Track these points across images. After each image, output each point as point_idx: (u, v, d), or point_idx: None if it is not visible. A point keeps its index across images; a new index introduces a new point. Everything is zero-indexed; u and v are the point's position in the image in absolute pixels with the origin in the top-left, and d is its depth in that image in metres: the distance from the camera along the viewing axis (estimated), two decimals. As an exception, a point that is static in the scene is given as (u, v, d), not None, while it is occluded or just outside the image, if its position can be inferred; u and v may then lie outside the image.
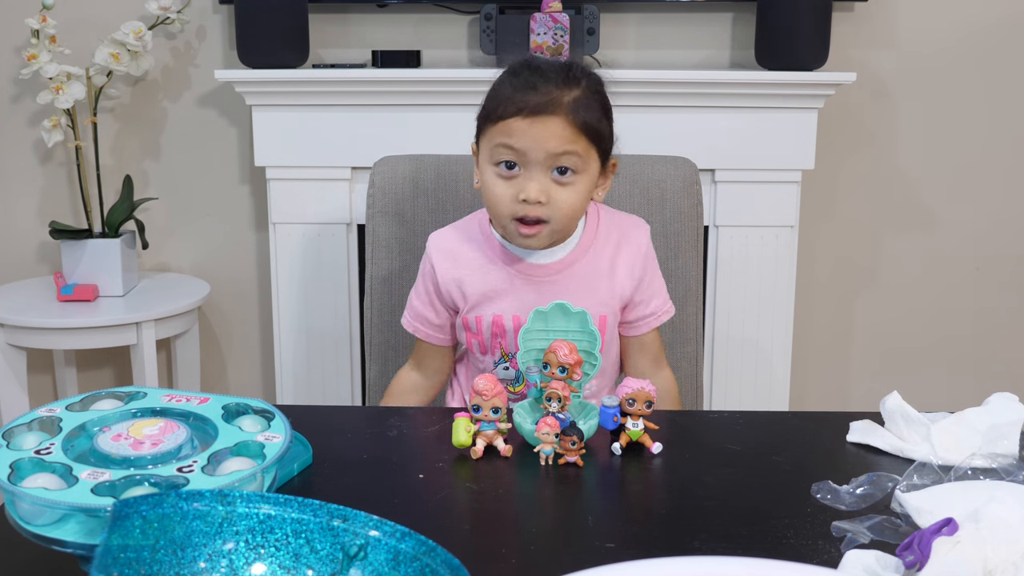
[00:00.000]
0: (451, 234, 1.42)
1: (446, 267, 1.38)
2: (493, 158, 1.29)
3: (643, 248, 1.39)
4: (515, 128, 1.26)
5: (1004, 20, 2.41)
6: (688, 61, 2.41)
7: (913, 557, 0.77)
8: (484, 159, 1.31)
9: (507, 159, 1.28)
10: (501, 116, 1.27)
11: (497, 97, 1.29)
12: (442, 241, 1.41)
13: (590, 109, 1.29)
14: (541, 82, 1.27)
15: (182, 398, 0.98)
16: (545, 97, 1.26)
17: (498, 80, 1.32)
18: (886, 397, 1.13)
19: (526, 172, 1.28)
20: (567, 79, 1.29)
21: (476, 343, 1.39)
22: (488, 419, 1.08)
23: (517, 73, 1.30)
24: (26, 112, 2.46)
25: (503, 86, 1.30)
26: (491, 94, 1.31)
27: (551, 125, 1.26)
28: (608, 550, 0.89)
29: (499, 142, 1.28)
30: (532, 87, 1.27)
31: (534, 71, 1.29)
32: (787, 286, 2.28)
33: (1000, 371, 2.58)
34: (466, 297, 1.37)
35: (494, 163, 1.29)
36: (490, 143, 1.29)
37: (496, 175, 1.29)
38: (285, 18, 2.17)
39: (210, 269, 2.52)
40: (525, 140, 1.26)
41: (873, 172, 2.49)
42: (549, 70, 1.29)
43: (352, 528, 0.77)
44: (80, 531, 0.79)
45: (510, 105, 1.27)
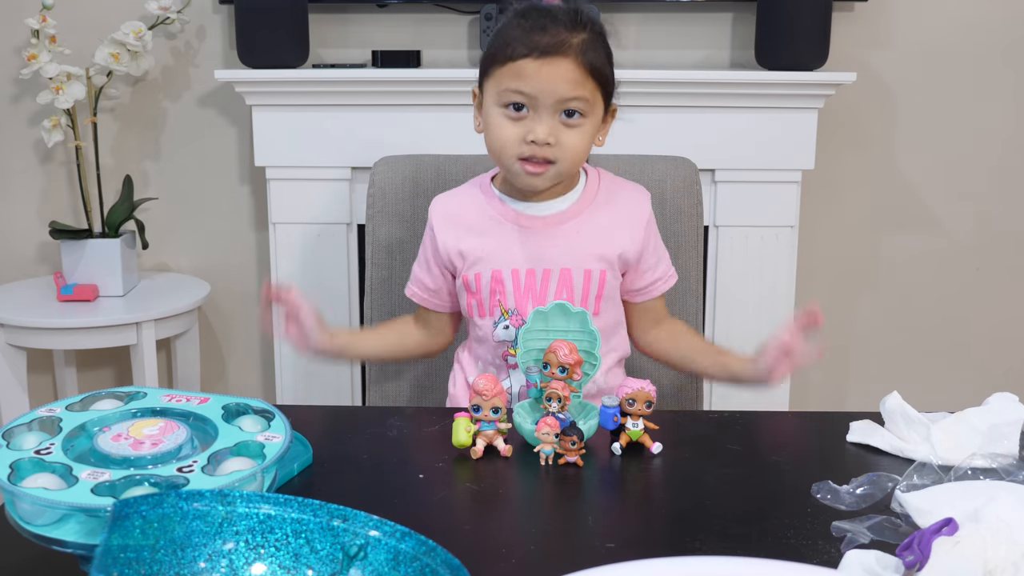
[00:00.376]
0: (451, 197, 1.42)
1: (445, 228, 1.38)
2: (501, 100, 1.28)
3: (645, 214, 1.39)
4: (525, 69, 1.25)
5: (1004, 20, 2.41)
6: (688, 61, 2.40)
7: (913, 557, 0.77)
8: (490, 101, 1.29)
9: (516, 101, 1.27)
10: (510, 57, 1.26)
11: (505, 37, 1.27)
12: (442, 205, 1.41)
13: (597, 52, 1.28)
14: (551, 23, 1.26)
15: (182, 398, 0.98)
16: (555, 38, 1.25)
17: (505, 22, 1.30)
18: (886, 397, 1.13)
19: (535, 114, 1.27)
20: (575, 22, 1.27)
21: (475, 304, 1.37)
22: (488, 419, 1.08)
23: (526, 15, 1.28)
24: (26, 112, 2.46)
25: (511, 27, 1.28)
26: (498, 35, 1.29)
27: (561, 67, 1.25)
28: (608, 550, 0.89)
29: (508, 85, 1.26)
30: (542, 28, 1.25)
31: (543, 13, 1.27)
32: (787, 286, 2.28)
33: (1000, 371, 2.58)
34: (464, 255, 1.36)
35: (502, 104, 1.28)
36: (498, 85, 1.28)
37: (503, 116, 1.28)
38: (285, 18, 2.17)
39: (210, 269, 2.52)
40: (536, 82, 1.25)
41: (873, 172, 2.49)
42: (558, 12, 1.28)
43: (352, 528, 0.77)
44: (80, 531, 0.79)
45: (520, 46, 1.25)
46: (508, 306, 1.35)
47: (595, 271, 1.34)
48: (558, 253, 1.34)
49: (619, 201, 1.38)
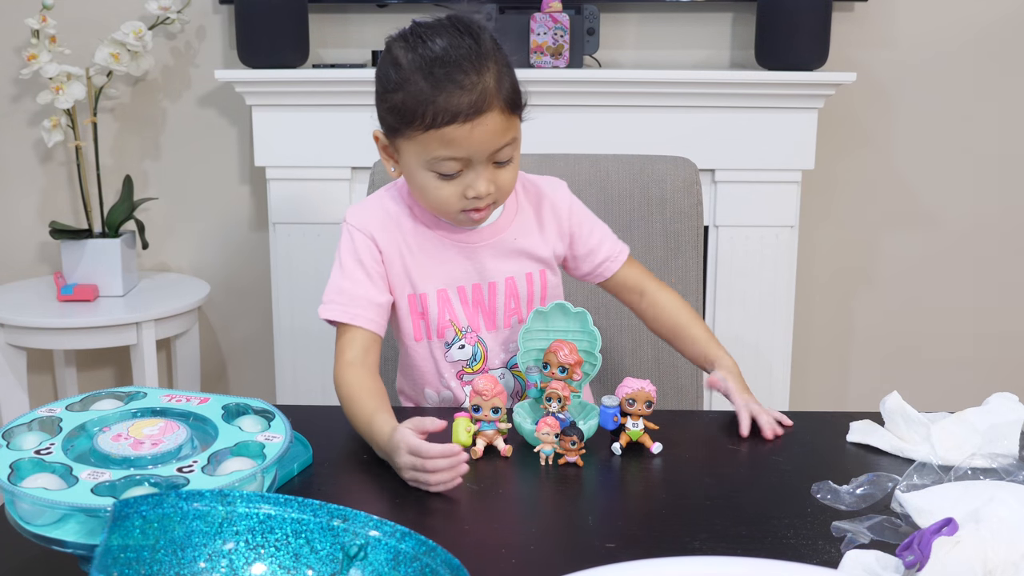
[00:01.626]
0: (374, 210, 1.29)
1: (390, 237, 1.26)
2: (431, 167, 1.18)
3: (565, 205, 1.34)
4: (454, 136, 1.15)
5: (1004, 20, 2.41)
6: (688, 61, 2.40)
7: (913, 557, 0.77)
8: (413, 161, 1.20)
9: (450, 169, 1.18)
10: (432, 125, 1.15)
11: (417, 98, 1.15)
12: (368, 214, 1.28)
13: (508, 79, 1.19)
14: (461, 74, 1.14)
15: (182, 398, 0.98)
16: (475, 94, 1.14)
17: (406, 74, 1.16)
18: (886, 397, 1.13)
19: (469, 171, 1.18)
20: (480, 57, 1.16)
21: (423, 325, 1.28)
22: (488, 419, 1.08)
23: (431, 71, 1.15)
24: (26, 112, 2.45)
25: (419, 86, 1.15)
26: (405, 92, 1.16)
27: (488, 122, 1.16)
28: (608, 550, 0.89)
29: (437, 153, 1.17)
30: (457, 84, 1.14)
31: (449, 63, 1.14)
32: (787, 286, 2.28)
33: (1000, 371, 2.58)
34: (411, 273, 1.27)
35: (431, 170, 1.19)
36: (423, 151, 1.17)
37: (436, 178, 1.19)
38: (285, 18, 2.17)
39: (210, 269, 2.52)
40: (468, 146, 1.16)
41: (873, 172, 2.49)
42: (462, 55, 1.15)
43: (352, 528, 0.77)
44: (80, 531, 0.79)
45: (442, 113, 1.14)
46: (461, 325, 1.28)
47: (535, 273, 1.31)
48: (500, 264, 1.29)
49: (541, 199, 1.33)
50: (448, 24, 1.19)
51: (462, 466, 0.99)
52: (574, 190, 1.62)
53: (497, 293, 1.29)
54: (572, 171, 1.61)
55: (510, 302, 1.29)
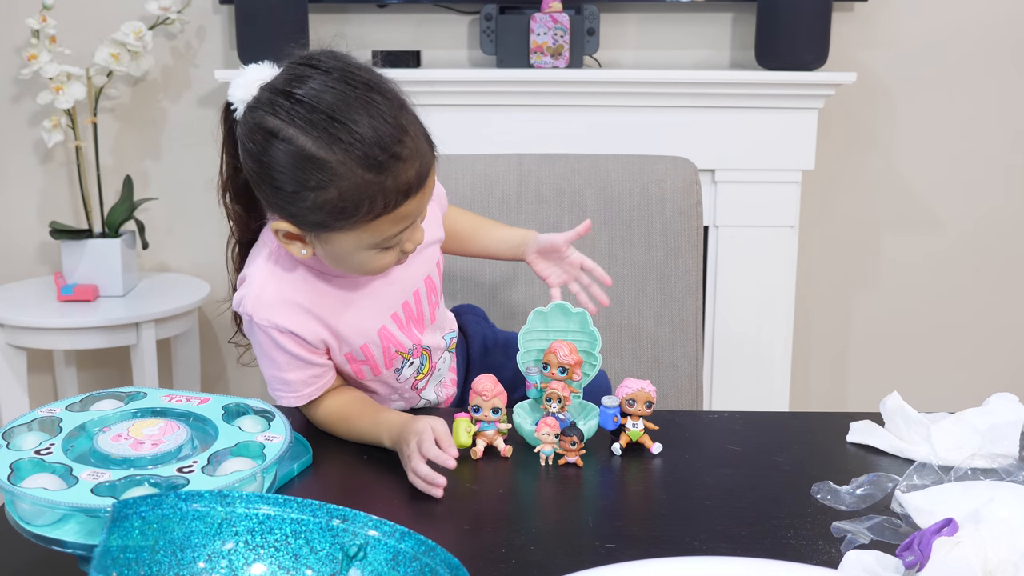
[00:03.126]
0: (277, 304, 1.13)
1: (303, 323, 1.13)
2: (380, 245, 1.08)
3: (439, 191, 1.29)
4: (406, 212, 1.06)
5: (1003, 20, 2.41)
6: (688, 61, 2.40)
7: (913, 557, 0.77)
8: (352, 248, 1.08)
9: (397, 241, 1.09)
10: (384, 211, 1.04)
11: (361, 190, 1.02)
12: (273, 310, 1.12)
13: (416, 115, 1.08)
14: (397, 145, 1.03)
15: (182, 398, 0.98)
16: (416, 159, 1.04)
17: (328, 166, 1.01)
18: (886, 397, 1.13)
19: (408, 230, 1.10)
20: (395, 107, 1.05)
21: (367, 368, 1.20)
22: (488, 419, 1.08)
23: (375, 165, 1.02)
24: (26, 112, 2.45)
25: (353, 174, 1.01)
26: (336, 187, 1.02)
27: (428, 183, 1.07)
28: (608, 550, 0.89)
29: (390, 231, 1.06)
30: (397, 158, 1.03)
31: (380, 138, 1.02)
32: (787, 286, 2.28)
33: (1000, 371, 2.58)
34: (342, 337, 1.16)
35: (376, 248, 1.09)
36: (371, 237, 1.06)
37: (378, 252, 1.09)
38: (285, 18, 2.17)
39: (210, 269, 2.52)
40: (415, 213, 1.08)
41: (873, 172, 2.49)
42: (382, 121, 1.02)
43: (352, 528, 0.77)
44: (80, 531, 0.79)
45: (393, 197, 1.03)
46: (406, 349, 1.21)
47: (439, 259, 1.27)
48: (413, 273, 1.21)
49: None
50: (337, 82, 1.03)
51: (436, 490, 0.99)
52: (573, 190, 1.63)
53: (422, 297, 1.23)
54: (572, 171, 1.61)
55: (431, 297, 1.24)
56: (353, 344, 1.17)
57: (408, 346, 1.21)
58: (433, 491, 0.99)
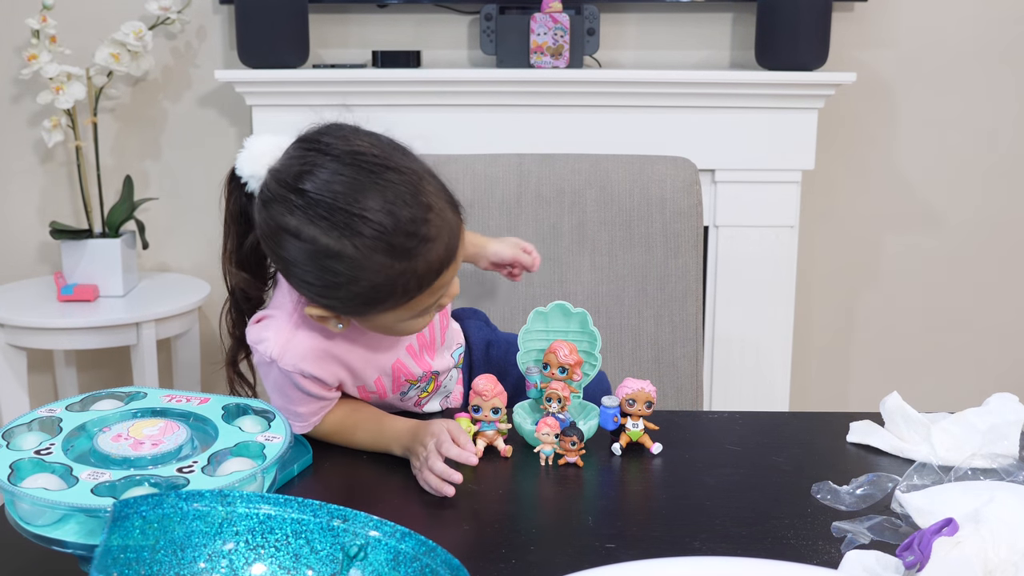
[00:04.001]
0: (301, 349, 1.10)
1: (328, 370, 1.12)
2: (418, 314, 1.07)
3: None
4: (439, 284, 1.04)
5: (1003, 20, 2.41)
6: (688, 61, 2.40)
7: (913, 557, 0.77)
8: (393, 321, 1.07)
9: (432, 309, 1.08)
10: (418, 290, 1.02)
11: (391, 279, 1.00)
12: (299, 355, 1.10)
13: (440, 182, 1.07)
14: (422, 226, 1.00)
15: (182, 398, 0.98)
16: (444, 235, 1.02)
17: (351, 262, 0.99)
18: (886, 397, 1.13)
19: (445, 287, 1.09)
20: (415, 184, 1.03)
21: (375, 397, 1.19)
22: (488, 419, 1.08)
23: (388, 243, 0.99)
24: (26, 112, 2.45)
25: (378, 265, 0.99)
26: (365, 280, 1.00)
27: (459, 253, 1.06)
28: (608, 550, 0.89)
29: (425, 305, 1.05)
30: (423, 239, 1.00)
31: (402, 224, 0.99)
32: (787, 286, 2.28)
33: (1000, 371, 2.58)
34: (356, 372, 1.15)
35: (416, 316, 1.07)
36: (407, 312, 1.05)
37: (417, 316, 1.08)
38: (285, 18, 2.17)
39: (210, 269, 2.52)
40: (447, 282, 1.06)
41: (873, 172, 2.49)
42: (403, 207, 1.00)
43: (352, 528, 0.77)
44: (80, 531, 0.79)
45: (425, 276, 1.02)
46: (415, 376, 1.19)
47: None
48: None
49: None
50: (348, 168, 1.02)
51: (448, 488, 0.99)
52: (573, 190, 1.63)
53: (435, 324, 1.21)
54: (571, 171, 1.61)
55: (443, 321, 1.23)
56: (367, 379, 1.16)
57: (418, 374, 1.20)
58: (445, 489, 0.99)
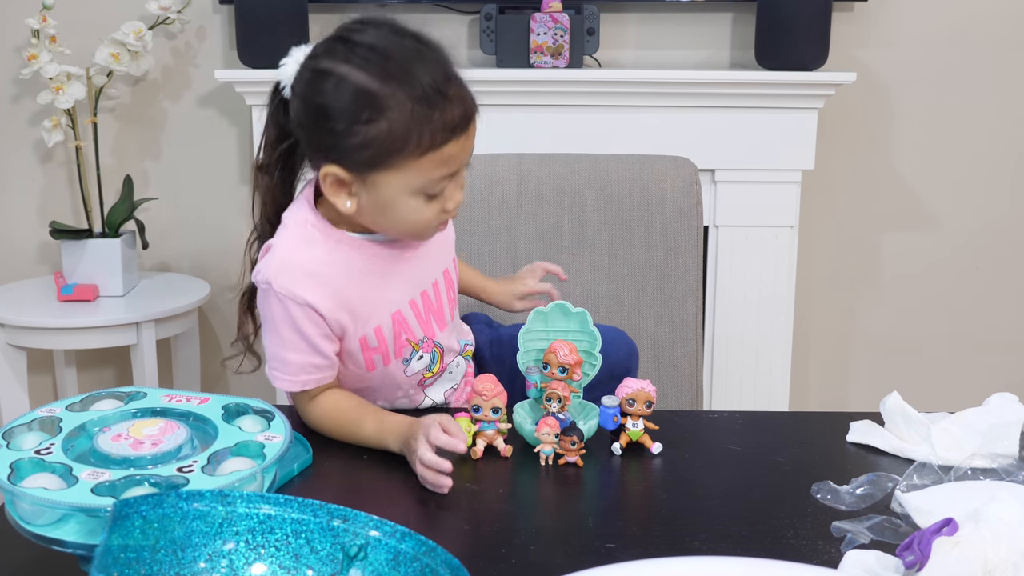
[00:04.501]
0: (294, 257, 1.13)
1: (322, 295, 1.13)
2: (422, 191, 1.09)
3: None
4: (452, 153, 1.09)
5: (1004, 19, 2.41)
6: (688, 61, 2.40)
7: (913, 557, 0.77)
8: (399, 191, 1.09)
9: (441, 188, 1.11)
10: (431, 146, 1.07)
11: (409, 123, 1.05)
12: (293, 278, 1.12)
13: (468, 87, 1.13)
14: (446, 85, 1.08)
15: (182, 398, 0.98)
16: (463, 102, 1.09)
17: (379, 99, 1.06)
18: (886, 397, 1.13)
19: (450, 183, 1.12)
20: (444, 60, 1.11)
21: (378, 358, 1.19)
22: (488, 419, 1.08)
23: (413, 88, 1.06)
24: (26, 112, 2.45)
25: (403, 107, 1.05)
26: (386, 119, 1.06)
27: (473, 129, 1.11)
28: (608, 550, 0.89)
29: (434, 174, 1.08)
30: (445, 97, 1.07)
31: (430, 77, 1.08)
32: (787, 286, 2.28)
33: (1000, 371, 2.58)
34: (357, 315, 1.15)
35: (421, 194, 1.10)
36: (417, 177, 1.08)
37: (422, 202, 1.10)
38: (285, 18, 2.17)
39: (210, 269, 2.52)
40: (460, 160, 1.10)
41: (873, 172, 2.49)
42: (432, 65, 1.09)
43: (352, 528, 0.77)
44: (80, 531, 0.79)
45: (440, 132, 1.07)
46: (417, 339, 1.21)
47: (455, 257, 1.30)
48: (432, 264, 1.23)
49: None
50: (389, 33, 1.12)
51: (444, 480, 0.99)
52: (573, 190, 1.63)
53: (440, 290, 1.24)
54: (572, 171, 1.61)
55: (450, 293, 1.26)
56: (367, 324, 1.16)
57: (419, 336, 1.21)
58: (441, 482, 0.99)
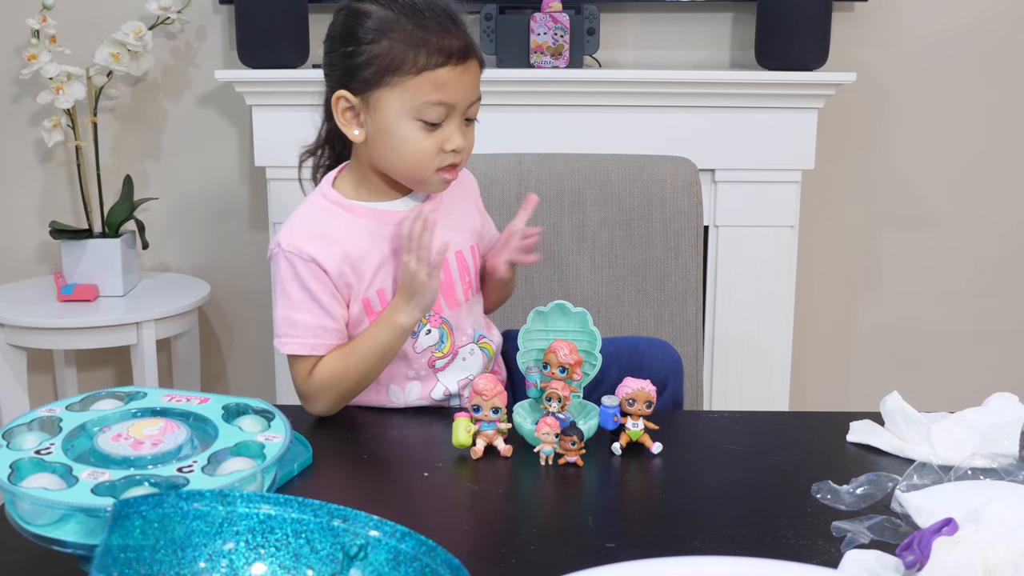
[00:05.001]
0: (304, 221, 1.24)
1: (327, 251, 1.20)
2: (418, 113, 1.17)
3: (474, 181, 1.37)
4: (446, 79, 1.16)
5: (1004, 19, 2.41)
6: (688, 61, 2.40)
7: (913, 557, 0.77)
8: (394, 112, 1.17)
9: (436, 117, 1.17)
10: (427, 66, 1.15)
11: (407, 41, 1.16)
12: (300, 236, 1.22)
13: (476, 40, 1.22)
14: (447, 20, 1.17)
15: (182, 398, 0.98)
16: (461, 39, 1.17)
17: (384, 22, 1.17)
18: (886, 397, 1.13)
19: (449, 122, 1.18)
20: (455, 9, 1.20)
21: None
22: (488, 419, 1.08)
23: (419, 15, 1.17)
24: (26, 112, 2.45)
25: (404, 28, 1.16)
26: (388, 39, 1.16)
27: (472, 69, 1.19)
28: (608, 550, 0.89)
29: (428, 97, 1.16)
30: (444, 28, 1.17)
31: (434, 9, 1.18)
32: (787, 286, 2.28)
33: (1000, 371, 2.58)
34: (362, 274, 1.22)
35: (416, 118, 1.17)
36: (413, 96, 1.16)
37: (418, 129, 1.17)
38: (285, 18, 2.17)
39: (210, 269, 2.52)
40: (456, 91, 1.17)
41: (873, 172, 2.49)
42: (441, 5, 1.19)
43: (352, 528, 0.77)
44: (80, 531, 0.79)
45: (435, 53, 1.15)
46: None
47: (476, 246, 1.32)
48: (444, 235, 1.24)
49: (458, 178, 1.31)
50: None
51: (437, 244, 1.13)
52: (573, 190, 1.63)
53: (451, 268, 1.27)
54: (572, 171, 1.61)
55: (464, 275, 1.28)
56: (371, 285, 1.22)
57: None
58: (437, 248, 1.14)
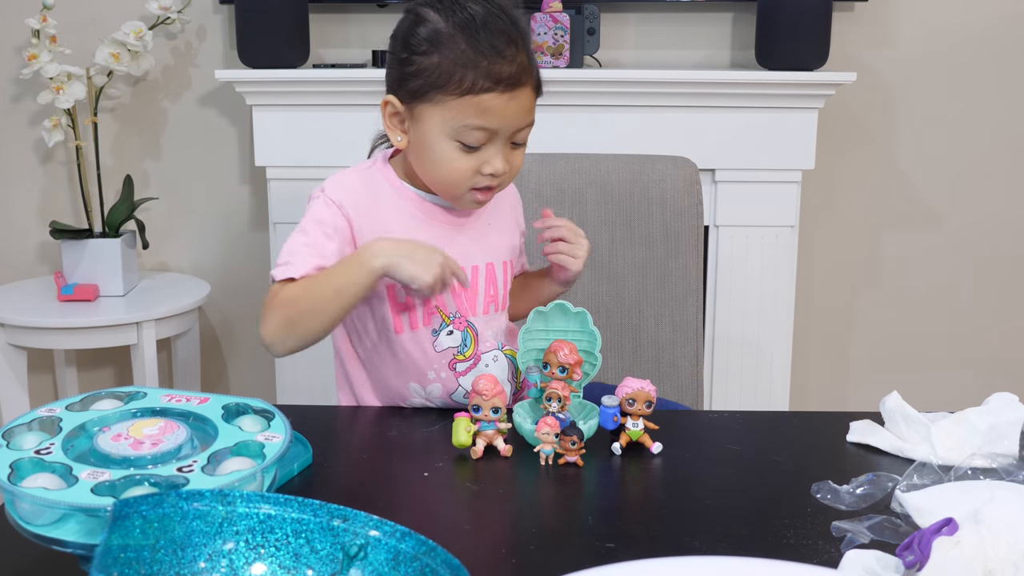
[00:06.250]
0: (354, 183, 1.24)
1: (356, 209, 1.21)
2: (457, 135, 1.16)
3: (518, 199, 1.37)
4: (490, 105, 1.14)
5: (1004, 19, 2.41)
6: (688, 61, 2.40)
7: (913, 557, 0.77)
8: (435, 129, 1.16)
9: (476, 140, 1.16)
10: (471, 90, 1.13)
11: (457, 61, 1.14)
12: (347, 187, 1.23)
13: (536, 62, 1.19)
14: (505, 45, 1.14)
15: (182, 398, 0.98)
16: (516, 66, 1.14)
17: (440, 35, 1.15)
18: (886, 397, 1.13)
19: (490, 145, 1.17)
20: (518, 32, 1.17)
21: (405, 317, 1.23)
22: (488, 419, 1.08)
23: (475, 34, 1.14)
24: (26, 112, 2.46)
25: (456, 46, 1.14)
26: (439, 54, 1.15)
27: (522, 97, 1.16)
28: (608, 550, 0.89)
29: (469, 121, 1.14)
30: (499, 53, 1.14)
31: (492, 31, 1.14)
32: (787, 286, 2.29)
33: (1000, 371, 2.58)
34: None
35: (455, 139, 1.16)
36: (453, 118, 1.15)
37: (457, 149, 1.16)
38: (285, 18, 2.17)
39: (210, 269, 2.52)
40: (501, 119, 1.15)
41: (873, 172, 2.49)
42: (501, 26, 1.15)
43: (352, 528, 0.77)
44: (80, 531, 0.79)
45: (483, 78, 1.13)
46: (449, 311, 1.24)
47: (510, 262, 1.32)
48: (480, 249, 1.27)
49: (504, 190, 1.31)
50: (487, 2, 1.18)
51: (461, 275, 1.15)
52: (574, 190, 1.63)
53: (478, 277, 1.27)
54: (572, 171, 1.61)
55: (489, 288, 1.28)
56: None
57: (452, 310, 1.24)
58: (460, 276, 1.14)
